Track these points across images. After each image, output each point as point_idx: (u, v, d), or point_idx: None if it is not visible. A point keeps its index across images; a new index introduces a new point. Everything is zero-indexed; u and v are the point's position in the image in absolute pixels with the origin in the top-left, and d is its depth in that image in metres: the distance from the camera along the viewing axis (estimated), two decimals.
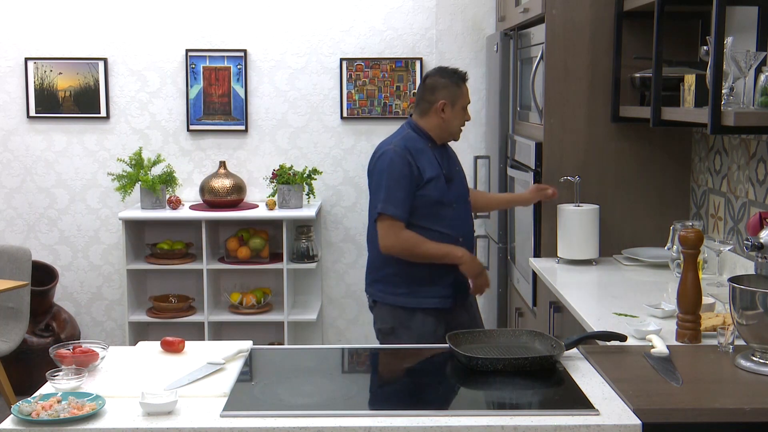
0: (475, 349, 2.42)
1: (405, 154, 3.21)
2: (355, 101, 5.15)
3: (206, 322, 4.93)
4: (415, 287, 3.27)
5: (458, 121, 3.32)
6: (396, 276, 3.28)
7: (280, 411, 2.02)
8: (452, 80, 3.30)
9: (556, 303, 3.33)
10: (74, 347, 2.34)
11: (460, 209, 3.35)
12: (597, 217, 3.65)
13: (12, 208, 5.25)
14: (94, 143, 5.20)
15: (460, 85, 3.31)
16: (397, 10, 5.11)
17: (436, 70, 3.39)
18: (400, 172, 3.19)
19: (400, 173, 3.19)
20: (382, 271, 3.31)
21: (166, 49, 5.13)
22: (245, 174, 5.19)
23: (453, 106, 3.29)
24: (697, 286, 2.44)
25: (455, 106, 3.29)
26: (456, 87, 3.30)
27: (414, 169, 3.20)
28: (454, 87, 3.29)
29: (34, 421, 1.95)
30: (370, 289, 3.39)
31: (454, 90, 3.29)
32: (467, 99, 3.34)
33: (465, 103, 3.33)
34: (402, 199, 3.19)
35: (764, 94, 2.61)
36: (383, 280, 3.32)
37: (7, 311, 4.58)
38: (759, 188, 3.18)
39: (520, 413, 2.02)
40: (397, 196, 3.18)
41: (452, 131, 3.34)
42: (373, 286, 3.37)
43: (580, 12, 3.73)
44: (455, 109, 3.30)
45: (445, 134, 3.33)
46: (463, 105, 3.32)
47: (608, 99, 3.73)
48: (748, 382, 2.15)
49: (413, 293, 3.27)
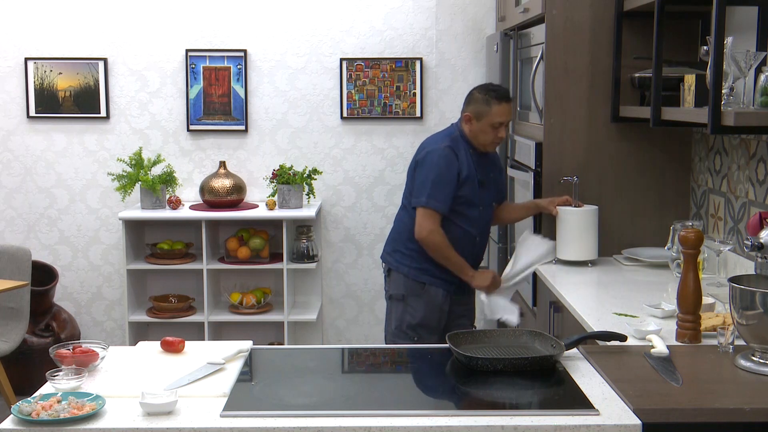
0: (475, 349, 2.42)
1: (451, 154, 3.49)
2: (355, 101, 5.15)
3: (206, 322, 4.93)
4: (431, 267, 3.57)
5: (485, 136, 3.50)
6: (418, 253, 3.58)
7: (280, 411, 2.02)
8: (484, 97, 3.50)
9: (556, 303, 3.33)
10: (74, 347, 2.34)
11: (485, 212, 3.61)
12: (596, 218, 3.65)
13: (12, 208, 5.25)
14: (94, 143, 5.20)
15: (490, 104, 3.47)
16: (397, 10, 5.11)
17: (482, 84, 3.66)
18: (448, 170, 3.48)
19: (447, 172, 3.48)
20: (407, 246, 3.61)
21: (166, 49, 5.13)
22: (245, 174, 5.19)
23: (478, 121, 3.50)
24: (697, 286, 2.44)
25: (480, 121, 3.49)
26: (485, 104, 3.48)
27: (457, 169, 3.48)
28: (483, 104, 3.48)
29: (34, 421, 1.95)
30: (389, 258, 3.70)
31: (482, 107, 3.48)
32: (496, 118, 3.46)
33: (492, 120, 3.47)
34: (446, 196, 3.48)
35: (764, 94, 2.61)
36: (406, 253, 3.62)
37: (7, 311, 4.58)
38: (759, 188, 3.18)
39: (520, 413, 2.02)
40: (443, 191, 3.47)
41: (480, 143, 3.53)
42: (392, 256, 3.68)
43: (580, 12, 3.73)
44: (481, 124, 3.49)
45: (475, 143, 3.54)
46: (491, 122, 3.47)
47: (608, 99, 3.73)
48: (748, 382, 2.15)
49: (427, 270, 3.57)
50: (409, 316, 3.61)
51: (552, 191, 3.78)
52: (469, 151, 3.53)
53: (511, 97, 3.54)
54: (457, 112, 5.17)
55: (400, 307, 3.64)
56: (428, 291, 3.59)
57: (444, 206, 3.48)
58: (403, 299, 3.63)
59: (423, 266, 3.59)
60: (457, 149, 3.51)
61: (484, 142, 3.52)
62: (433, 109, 5.16)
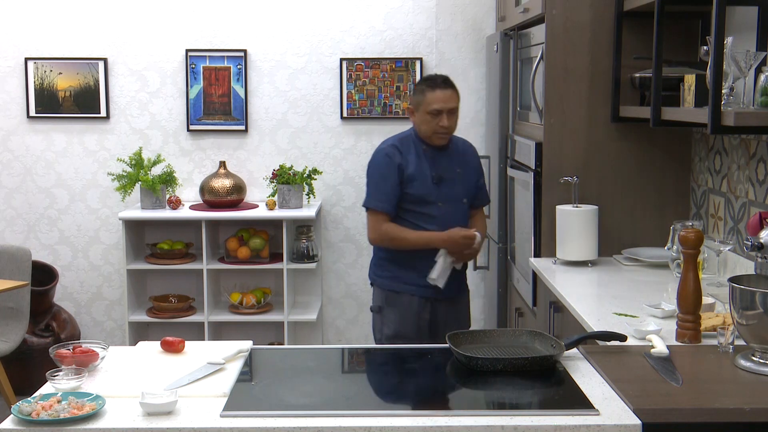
0: (475, 349, 2.42)
1: (392, 151, 3.46)
2: (355, 101, 5.15)
3: (206, 322, 4.93)
4: (399, 272, 3.51)
5: (426, 126, 3.44)
6: (385, 260, 3.56)
7: (280, 411, 2.02)
8: (420, 86, 3.47)
9: (556, 303, 3.34)
10: (74, 347, 2.34)
11: (448, 208, 3.48)
12: (595, 218, 3.65)
13: (12, 208, 5.25)
14: (94, 143, 5.20)
15: (424, 92, 3.43)
16: (397, 10, 5.11)
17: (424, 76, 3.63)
18: (387, 169, 3.45)
19: (386, 170, 3.45)
20: (376, 256, 3.61)
21: (166, 49, 5.13)
22: (245, 174, 5.19)
23: (417, 111, 3.46)
24: (697, 286, 2.44)
25: (419, 110, 3.45)
26: (420, 93, 3.44)
27: (397, 166, 3.43)
28: (419, 94, 3.45)
29: (34, 421, 1.95)
30: (370, 271, 3.68)
31: (419, 96, 3.45)
32: (431, 105, 3.40)
33: (427, 108, 3.41)
34: (387, 195, 3.44)
35: (764, 94, 2.61)
36: (377, 263, 3.60)
37: (7, 311, 4.58)
38: (759, 188, 3.18)
39: (520, 413, 2.02)
40: (383, 191, 3.45)
41: (424, 134, 3.47)
42: (372, 268, 3.65)
43: (580, 12, 3.73)
44: (420, 114, 3.45)
45: (423, 137, 3.48)
46: (427, 110, 3.41)
47: (608, 99, 3.73)
48: (748, 382, 2.15)
49: (397, 278, 3.52)
50: (386, 328, 3.54)
51: (552, 191, 3.78)
52: (422, 147, 3.48)
53: (449, 84, 3.46)
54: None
55: (378, 320, 3.58)
56: (402, 299, 3.50)
57: (386, 205, 3.44)
58: (380, 311, 3.57)
59: (394, 274, 3.53)
60: (403, 148, 3.47)
61: (427, 133, 3.45)
62: None
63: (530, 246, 3.90)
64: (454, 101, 3.46)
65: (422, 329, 3.50)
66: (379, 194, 3.46)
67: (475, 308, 5.30)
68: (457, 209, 3.52)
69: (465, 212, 3.56)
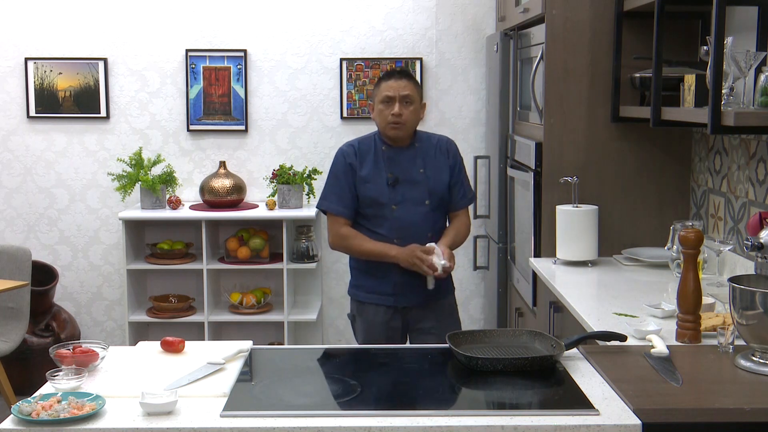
0: (475, 349, 2.42)
1: (349, 151, 3.36)
2: (355, 101, 5.15)
3: (206, 322, 4.93)
4: (362, 281, 3.45)
5: (381, 117, 3.32)
6: (354, 269, 3.51)
7: (280, 411, 2.02)
8: (377, 81, 3.37)
9: (556, 303, 3.33)
10: (74, 347, 2.34)
11: (403, 211, 3.32)
12: (595, 218, 3.65)
13: (12, 208, 5.25)
14: (94, 143, 5.20)
15: (379, 83, 3.34)
16: (397, 10, 5.11)
17: None
18: (337, 167, 3.36)
19: (337, 170, 3.36)
20: (349, 264, 3.55)
21: (166, 49, 5.13)
22: (245, 174, 5.19)
23: (374, 104, 3.35)
24: (697, 286, 2.44)
25: (375, 103, 3.35)
26: (376, 86, 3.35)
27: (349, 166, 3.33)
28: (376, 87, 3.36)
29: (34, 421, 1.95)
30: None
31: (375, 89, 3.36)
32: (382, 93, 3.30)
33: (380, 97, 3.31)
34: (338, 195, 3.34)
35: (764, 94, 2.61)
36: (350, 272, 3.55)
37: (7, 311, 4.58)
38: (759, 188, 3.18)
39: (520, 413, 2.02)
40: (335, 192, 3.35)
41: (381, 127, 3.35)
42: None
43: (580, 12, 3.73)
44: (375, 106, 3.35)
45: (382, 132, 3.37)
46: (380, 100, 3.31)
47: (608, 99, 3.73)
48: (748, 382, 2.15)
49: (361, 287, 3.46)
50: (359, 337, 3.50)
51: (552, 191, 3.78)
52: (382, 147, 3.35)
53: (405, 74, 3.34)
54: (457, 112, 5.20)
55: (352, 330, 3.55)
56: (368, 309, 3.42)
57: (339, 207, 3.33)
58: (354, 320, 3.52)
59: (359, 282, 3.46)
60: (362, 147, 3.36)
61: (382, 126, 3.32)
62: (433, 110, 5.16)
63: (530, 246, 3.89)
64: (409, 89, 3.29)
65: (393, 338, 3.39)
66: (330, 195, 3.36)
67: (475, 308, 5.30)
68: (416, 212, 3.32)
69: (426, 215, 3.34)
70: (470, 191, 3.52)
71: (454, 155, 3.44)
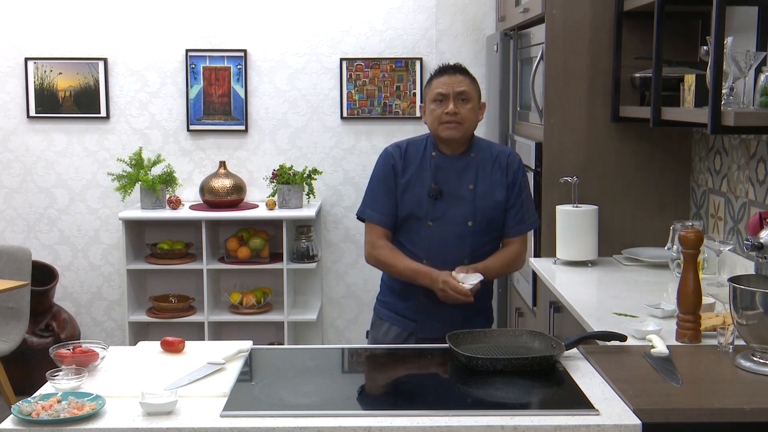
0: (475, 349, 2.42)
1: (394, 152, 2.97)
2: (355, 101, 5.15)
3: (206, 322, 4.93)
4: (387, 297, 3.08)
5: (432, 118, 2.92)
6: (385, 284, 3.11)
7: (280, 411, 2.02)
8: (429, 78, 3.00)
9: (556, 303, 3.33)
10: (74, 347, 2.33)
11: (440, 230, 2.92)
12: (595, 218, 3.65)
13: (12, 208, 5.25)
14: (94, 143, 5.20)
15: (431, 81, 2.96)
16: (397, 10, 5.11)
17: None
18: (379, 171, 2.98)
19: (378, 173, 2.98)
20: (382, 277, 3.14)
21: (166, 49, 5.13)
22: (245, 174, 5.19)
23: (426, 105, 2.97)
24: (697, 286, 2.44)
25: (426, 103, 2.96)
26: (428, 84, 2.97)
27: (393, 169, 2.94)
28: (427, 85, 2.98)
29: (34, 421, 1.95)
30: None
31: (426, 88, 2.99)
32: (435, 90, 2.91)
33: (432, 96, 2.92)
34: (380, 204, 2.95)
35: (764, 94, 2.61)
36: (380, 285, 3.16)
37: (7, 311, 4.58)
38: (759, 188, 3.18)
39: (520, 413, 2.01)
40: (374, 198, 2.97)
41: (434, 129, 2.94)
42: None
43: (580, 12, 3.73)
44: (427, 107, 2.95)
45: (435, 135, 2.96)
46: (432, 99, 2.92)
47: (608, 99, 3.73)
48: (748, 382, 2.15)
49: (385, 304, 3.08)
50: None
51: (552, 191, 3.78)
52: (432, 153, 2.95)
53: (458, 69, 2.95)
54: None
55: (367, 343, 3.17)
56: (382, 327, 3.05)
57: (379, 216, 2.94)
58: (367, 335, 3.18)
59: (385, 299, 3.07)
60: (410, 150, 2.96)
61: (434, 126, 2.91)
62: None
63: (530, 246, 3.89)
64: (465, 85, 2.90)
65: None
66: (369, 201, 2.98)
67: None
68: (453, 233, 2.91)
69: (465, 237, 2.92)
70: (531, 215, 3.03)
71: (514, 172, 2.98)
